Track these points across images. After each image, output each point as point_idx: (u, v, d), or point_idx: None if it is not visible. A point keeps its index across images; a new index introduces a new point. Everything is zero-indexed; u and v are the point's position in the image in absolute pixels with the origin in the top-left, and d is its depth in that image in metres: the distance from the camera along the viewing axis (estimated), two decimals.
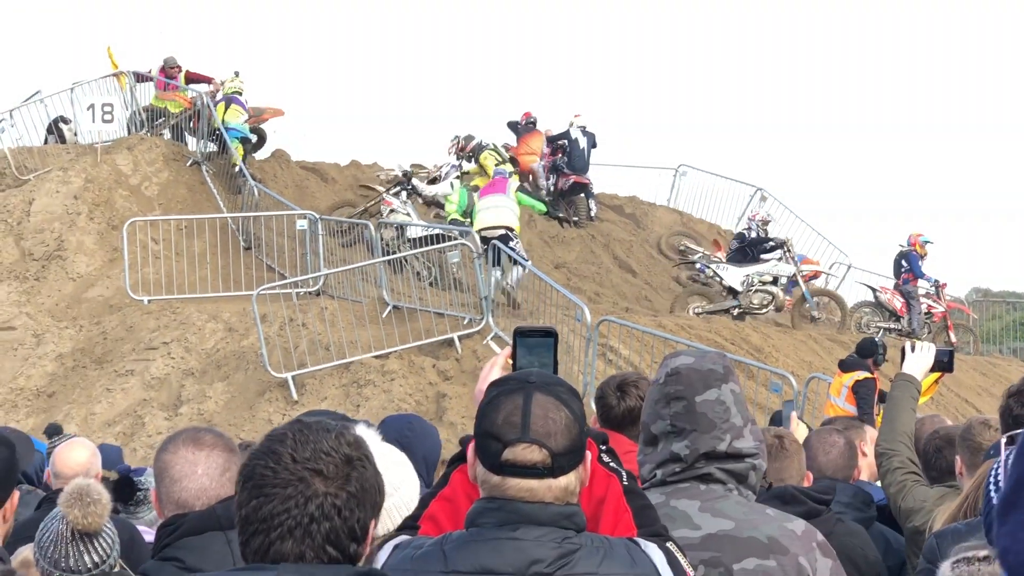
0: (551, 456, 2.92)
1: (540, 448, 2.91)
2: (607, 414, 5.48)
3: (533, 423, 2.92)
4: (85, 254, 22.67)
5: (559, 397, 2.98)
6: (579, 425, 2.98)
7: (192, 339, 20.01)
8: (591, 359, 17.77)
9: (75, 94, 25.83)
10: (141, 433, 18.39)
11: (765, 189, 29.70)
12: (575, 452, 2.96)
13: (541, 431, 2.92)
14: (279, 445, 2.60)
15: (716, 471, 3.55)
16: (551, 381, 3.03)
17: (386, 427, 5.58)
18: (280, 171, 26.51)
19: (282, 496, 2.55)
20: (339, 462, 2.59)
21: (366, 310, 20.13)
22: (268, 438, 2.65)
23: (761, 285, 23.22)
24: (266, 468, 2.58)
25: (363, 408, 17.73)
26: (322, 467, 2.57)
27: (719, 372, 3.61)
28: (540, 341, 3.39)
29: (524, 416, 2.93)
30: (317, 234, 21.95)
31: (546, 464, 2.91)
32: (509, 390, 2.99)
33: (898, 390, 6.10)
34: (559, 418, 2.94)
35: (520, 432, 2.92)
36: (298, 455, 2.58)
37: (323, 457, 2.58)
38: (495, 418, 2.96)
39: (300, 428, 2.64)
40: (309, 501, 2.55)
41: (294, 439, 2.60)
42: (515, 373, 3.12)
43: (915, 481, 5.83)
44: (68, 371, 20.11)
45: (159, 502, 4.12)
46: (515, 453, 2.92)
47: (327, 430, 2.64)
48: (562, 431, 2.93)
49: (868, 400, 14.19)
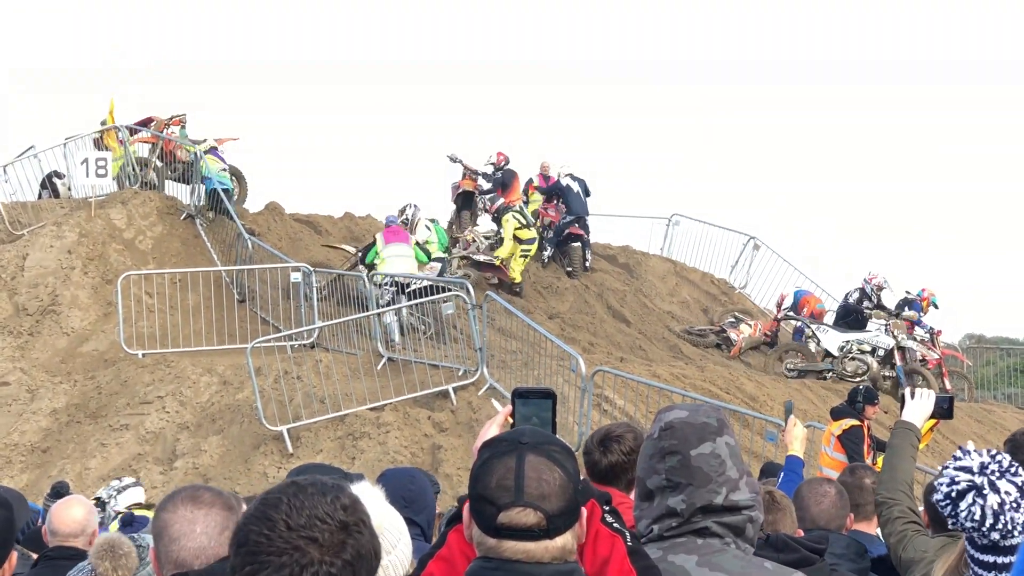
0: (546, 518, 2.89)
1: (535, 511, 2.89)
2: (592, 469, 5.51)
3: (527, 486, 2.90)
4: (79, 308, 22.66)
5: (552, 457, 2.96)
6: (573, 484, 2.95)
7: (187, 393, 19.97)
8: (586, 410, 17.76)
9: (68, 149, 25.90)
10: None
11: (758, 238, 29.82)
12: (570, 512, 2.94)
13: (535, 493, 2.90)
14: (273, 511, 2.56)
15: (713, 525, 3.53)
16: (544, 440, 3.01)
17: (387, 481, 5.59)
18: (274, 223, 26.55)
19: (276, 564, 2.52)
20: (334, 529, 2.56)
21: (360, 362, 20.11)
22: (263, 502, 2.61)
23: (859, 353, 22.96)
24: (260, 535, 2.55)
25: (358, 460, 17.69)
26: (317, 535, 2.54)
27: (713, 425, 3.60)
28: (539, 402, 3.40)
29: (517, 479, 2.90)
30: (311, 287, 21.98)
31: (542, 526, 2.89)
32: (501, 452, 2.97)
33: (898, 438, 6.03)
34: (553, 479, 2.92)
35: (514, 496, 2.90)
36: (293, 522, 2.54)
37: (318, 524, 2.55)
38: (488, 482, 2.94)
39: (295, 492, 2.60)
40: (304, 570, 2.52)
41: (289, 505, 2.57)
42: (507, 433, 3.09)
43: (916, 531, 5.74)
44: (62, 426, 20.05)
45: (157, 561, 4.10)
46: (510, 517, 2.90)
47: (323, 493, 2.60)
48: (556, 492, 2.91)
49: (857, 448, 14.20)
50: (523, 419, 3.37)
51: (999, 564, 3.04)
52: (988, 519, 2.95)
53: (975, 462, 2.99)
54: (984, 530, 2.96)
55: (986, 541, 3.01)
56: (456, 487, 17.07)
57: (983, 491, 2.96)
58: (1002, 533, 2.97)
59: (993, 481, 2.96)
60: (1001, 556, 3.03)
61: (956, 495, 2.97)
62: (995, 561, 3.03)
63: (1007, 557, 3.02)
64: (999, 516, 2.95)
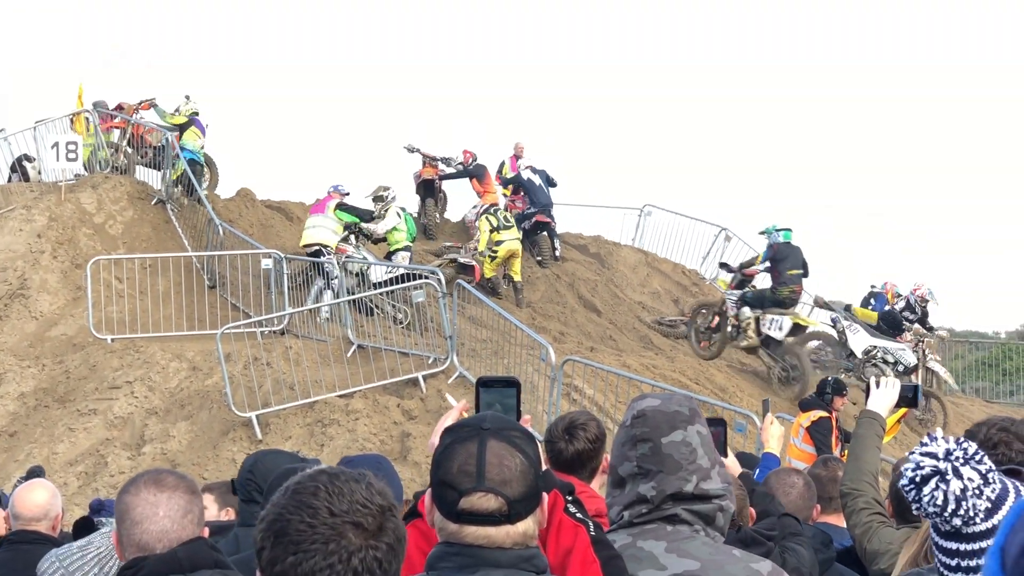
0: (507, 503, 2.90)
1: (496, 496, 2.89)
2: (557, 457, 5.49)
3: (488, 471, 2.90)
4: (48, 293, 22.54)
5: (513, 443, 2.96)
6: (534, 470, 2.96)
7: (156, 378, 19.90)
8: (556, 399, 17.77)
9: (39, 132, 25.77)
10: (104, 473, 18.25)
11: (729, 229, 29.88)
12: (531, 497, 2.95)
13: (496, 479, 2.90)
14: (313, 499, 2.55)
15: (683, 512, 3.54)
16: (505, 426, 3.01)
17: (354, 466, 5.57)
18: (245, 210, 26.48)
19: (324, 552, 2.51)
20: (375, 513, 2.57)
21: (331, 349, 20.08)
22: (297, 491, 2.58)
23: (882, 362, 22.90)
24: (302, 523, 2.53)
25: (327, 447, 17.68)
26: (360, 520, 2.54)
27: (685, 414, 3.61)
28: (503, 391, 3.40)
29: (479, 464, 2.91)
30: (282, 273, 21.93)
31: (503, 511, 2.90)
32: (463, 437, 2.96)
33: (863, 428, 5.99)
34: (514, 464, 2.92)
35: (476, 481, 2.90)
36: (335, 508, 2.54)
37: (360, 509, 2.55)
38: (450, 467, 2.94)
39: (330, 479, 2.59)
40: (352, 556, 2.52)
41: (328, 491, 2.56)
42: (469, 419, 3.08)
43: (881, 522, 5.72)
44: (30, 410, 19.95)
45: (119, 545, 4.07)
46: (471, 502, 2.90)
47: (356, 480, 2.60)
48: (517, 477, 2.92)
49: (825, 440, 14.26)
50: (487, 407, 3.37)
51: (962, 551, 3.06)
52: (950, 505, 2.97)
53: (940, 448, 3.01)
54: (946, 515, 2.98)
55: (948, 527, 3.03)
56: (424, 475, 17.06)
57: (946, 476, 2.98)
58: (964, 519, 2.99)
59: (957, 467, 2.98)
60: (964, 543, 3.06)
61: (920, 480, 2.99)
62: (958, 548, 3.06)
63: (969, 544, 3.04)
64: (961, 502, 2.97)
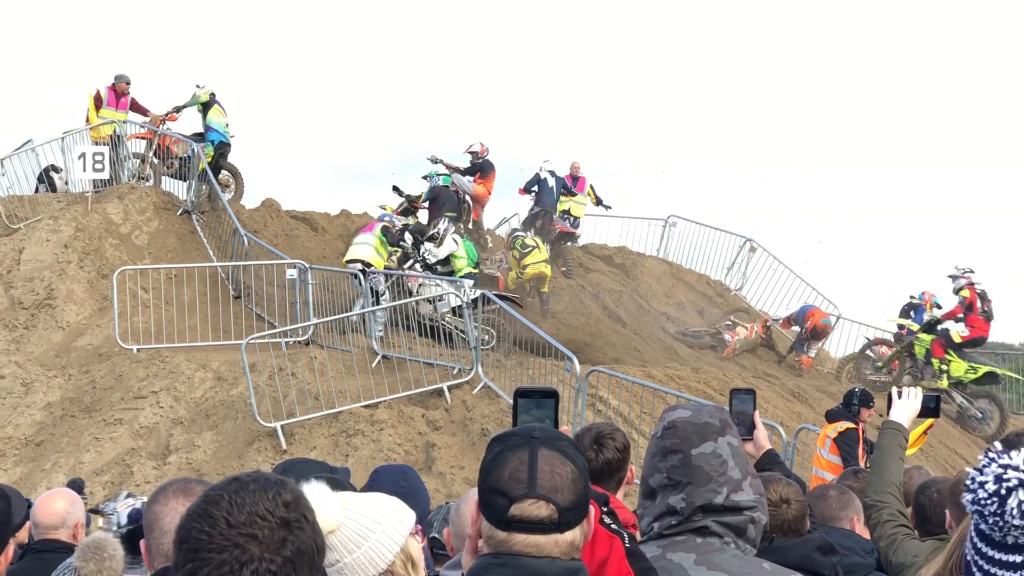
0: (558, 511, 2.89)
1: (547, 503, 2.89)
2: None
3: (540, 478, 2.90)
4: (75, 303, 22.64)
5: (564, 452, 2.96)
6: (584, 479, 2.96)
7: (181, 388, 19.96)
8: (580, 410, 17.76)
9: (66, 143, 25.86)
10: (129, 482, 18.30)
11: (754, 240, 29.83)
12: (581, 507, 2.94)
13: (548, 486, 2.90)
14: (215, 508, 2.56)
15: (713, 524, 3.54)
16: (555, 436, 3.01)
17: (380, 478, 5.59)
18: (270, 220, 26.55)
19: (216, 561, 2.52)
20: (275, 526, 2.55)
21: (355, 360, 20.11)
22: (205, 499, 2.60)
23: None
24: (201, 532, 2.54)
25: (352, 458, 17.69)
26: (257, 532, 2.54)
27: (715, 425, 3.62)
28: (541, 402, 3.40)
29: (530, 471, 2.90)
30: (307, 283, 21.98)
31: (553, 519, 2.89)
32: (514, 445, 2.97)
33: (885, 439, 5.99)
34: (565, 473, 2.92)
35: (527, 488, 2.89)
36: (233, 519, 2.54)
37: (258, 521, 2.55)
38: (501, 473, 2.93)
39: (237, 489, 2.60)
40: (244, 567, 2.51)
41: (230, 502, 2.56)
42: (518, 428, 3.08)
43: (906, 534, 5.70)
44: (57, 420, 20.03)
45: (148, 554, 4.09)
46: (522, 509, 2.89)
47: (264, 490, 2.59)
48: (568, 486, 2.91)
49: (852, 451, 14.21)
50: (524, 419, 3.37)
51: None
52: None
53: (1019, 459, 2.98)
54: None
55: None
56: (449, 486, 17.07)
57: None
58: None
59: None
60: None
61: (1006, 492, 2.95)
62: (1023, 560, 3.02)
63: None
64: None
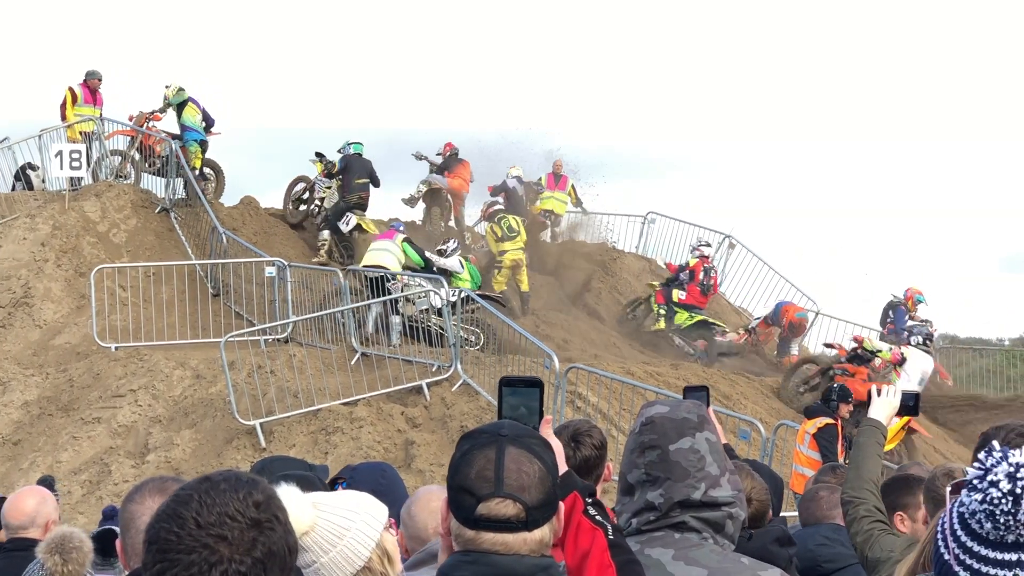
0: (525, 510, 2.90)
1: (514, 502, 2.89)
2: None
3: (507, 477, 2.90)
4: (52, 301, 22.56)
5: (532, 450, 2.96)
6: (552, 477, 2.96)
7: (159, 386, 19.91)
8: (560, 406, 17.78)
9: (43, 141, 25.77)
10: (107, 481, 18.26)
11: (733, 236, 29.84)
12: (549, 505, 2.94)
13: (515, 485, 2.90)
14: (184, 508, 2.53)
15: (691, 519, 3.54)
16: (523, 433, 3.01)
17: (357, 475, 5.57)
18: (249, 218, 26.47)
19: (185, 562, 2.48)
20: (245, 527, 2.52)
21: (334, 357, 20.09)
22: (175, 499, 2.57)
23: None
24: (170, 532, 2.51)
25: (331, 455, 17.67)
26: (227, 532, 2.51)
27: (693, 421, 3.62)
28: (526, 391, 3.40)
29: (497, 470, 2.90)
30: (286, 281, 21.94)
31: (520, 518, 2.89)
32: (481, 443, 2.96)
33: (864, 436, 5.98)
34: (532, 471, 2.92)
35: (494, 486, 2.90)
36: (203, 519, 2.51)
37: (228, 522, 2.51)
38: (468, 472, 2.93)
39: (207, 489, 2.56)
40: (213, 568, 2.48)
41: (199, 502, 2.53)
42: (487, 425, 3.08)
43: (882, 530, 5.70)
44: (34, 419, 19.96)
45: (124, 553, 4.05)
46: (489, 508, 2.90)
47: (235, 490, 2.56)
48: (536, 484, 2.91)
49: (831, 446, 14.28)
50: (510, 408, 3.36)
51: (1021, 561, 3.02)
52: None
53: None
54: None
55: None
56: (428, 482, 17.07)
57: None
58: None
59: None
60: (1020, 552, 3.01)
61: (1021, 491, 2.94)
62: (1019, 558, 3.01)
63: None
64: None
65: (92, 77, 26.10)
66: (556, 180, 28.27)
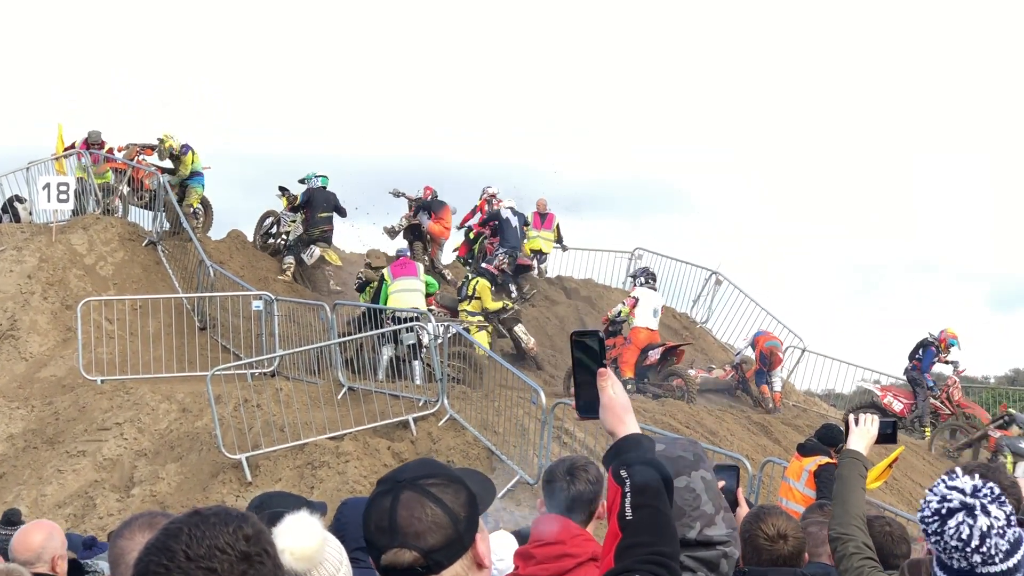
0: (423, 555, 2.93)
1: (410, 551, 2.93)
2: (555, 497, 5.49)
3: (401, 526, 2.94)
4: (38, 333, 22.51)
5: (427, 493, 2.98)
6: (450, 517, 2.97)
7: (145, 420, 19.85)
8: (547, 442, 17.76)
9: (31, 173, 25.79)
10: (92, 515, 18.18)
11: (720, 272, 29.89)
12: (450, 545, 2.96)
13: (408, 532, 2.93)
14: (174, 541, 2.53)
15: (686, 559, 3.54)
16: (423, 475, 3.04)
17: (348, 510, 5.58)
18: (236, 251, 26.48)
19: None
20: (234, 560, 2.53)
21: (321, 391, 20.06)
22: (164, 532, 2.57)
23: None
24: (159, 565, 2.51)
25: (317, 490, 17.63)
26: (216, 565, 2.51)
27: (688, 459, 3.63)
28: (591, 341, 3.44)
29: (391, 520, 2.95)
30: (273, 315, 21.91)
31: (420, 563, 2.93)
32: (381, 492, 3.03)
33: (845, 469, 5.95)
34: (425, 516, 2.95)
35: (389, 537, 2.95)
36: (192, 552, 2.51)
37: (218, 555, 2.52)
38: (369, 524, 3.00)
39: (197, 522, 2.56)
40: None
41: (189, 535, 2.53)
42: (393, 471, 3.15)
43: (872, 567, 5.67)
44: (19, 451, 19.89)
45: None
46: (388, 558, 2.95)
47: (225, 523, 2.57)
48: (430, 528, 2.94)
49: (830, 485, 14.19)
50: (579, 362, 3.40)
51: None
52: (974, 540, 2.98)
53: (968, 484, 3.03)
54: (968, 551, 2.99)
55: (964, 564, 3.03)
56: None
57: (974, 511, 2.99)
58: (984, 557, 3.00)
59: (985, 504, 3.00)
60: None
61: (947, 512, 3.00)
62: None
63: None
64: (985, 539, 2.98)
65: (95, 140, 26.23)
66: (542, 219, 28.21)
